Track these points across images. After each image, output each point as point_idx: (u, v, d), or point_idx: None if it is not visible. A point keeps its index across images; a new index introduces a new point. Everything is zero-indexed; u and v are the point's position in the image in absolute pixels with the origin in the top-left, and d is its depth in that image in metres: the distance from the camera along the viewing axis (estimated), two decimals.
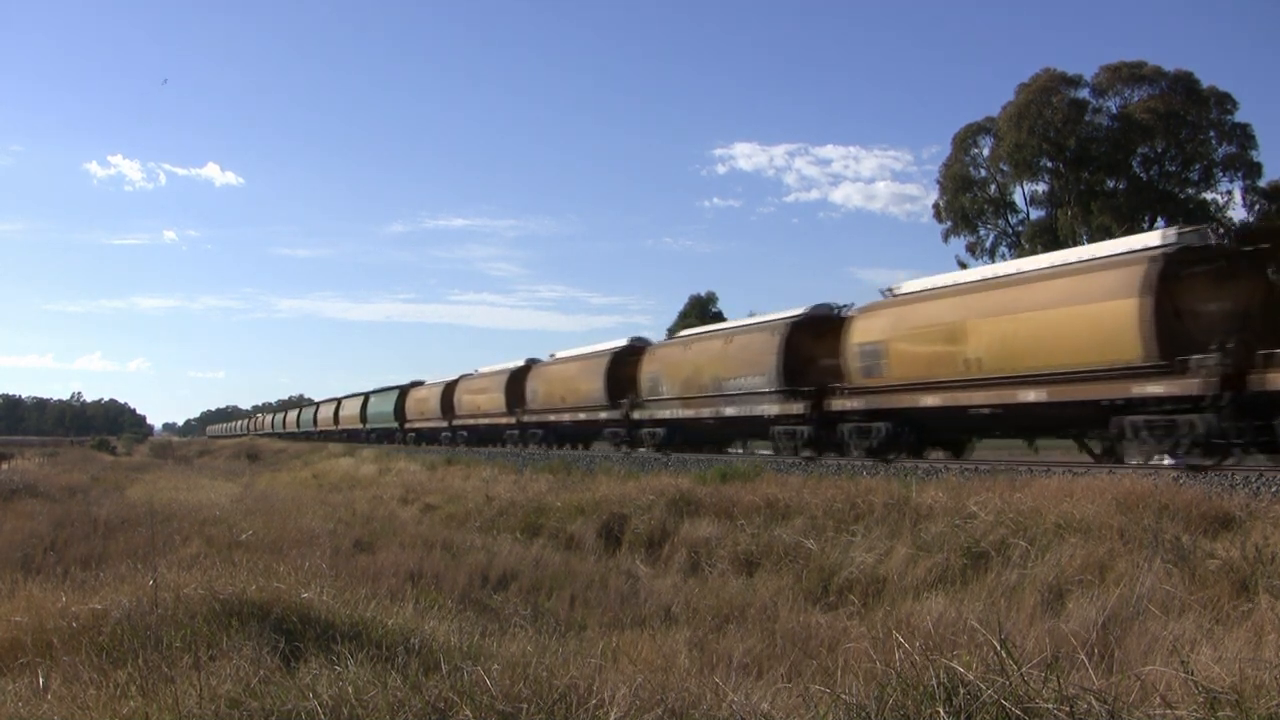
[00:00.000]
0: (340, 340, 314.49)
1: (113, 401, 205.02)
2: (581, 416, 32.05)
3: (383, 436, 56.22)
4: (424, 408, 49.17)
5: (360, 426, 60.78)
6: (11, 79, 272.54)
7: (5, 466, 33.86)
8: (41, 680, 6.06)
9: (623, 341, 31.57)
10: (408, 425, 52.06)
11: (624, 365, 29.93)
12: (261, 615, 7.02)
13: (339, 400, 70.90)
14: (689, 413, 25.74)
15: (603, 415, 30.39)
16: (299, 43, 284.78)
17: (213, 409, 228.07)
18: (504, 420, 38.29)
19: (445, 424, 45.31)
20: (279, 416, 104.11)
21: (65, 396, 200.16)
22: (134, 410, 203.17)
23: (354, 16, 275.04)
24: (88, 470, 34.11)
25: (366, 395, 62.02)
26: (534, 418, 35.74)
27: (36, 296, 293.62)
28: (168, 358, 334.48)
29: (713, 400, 24.50)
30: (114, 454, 60.30)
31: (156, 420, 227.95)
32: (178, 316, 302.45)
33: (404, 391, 53.74)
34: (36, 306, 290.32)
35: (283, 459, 49.24)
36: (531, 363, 38.11)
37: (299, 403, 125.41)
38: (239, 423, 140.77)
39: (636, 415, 28.36)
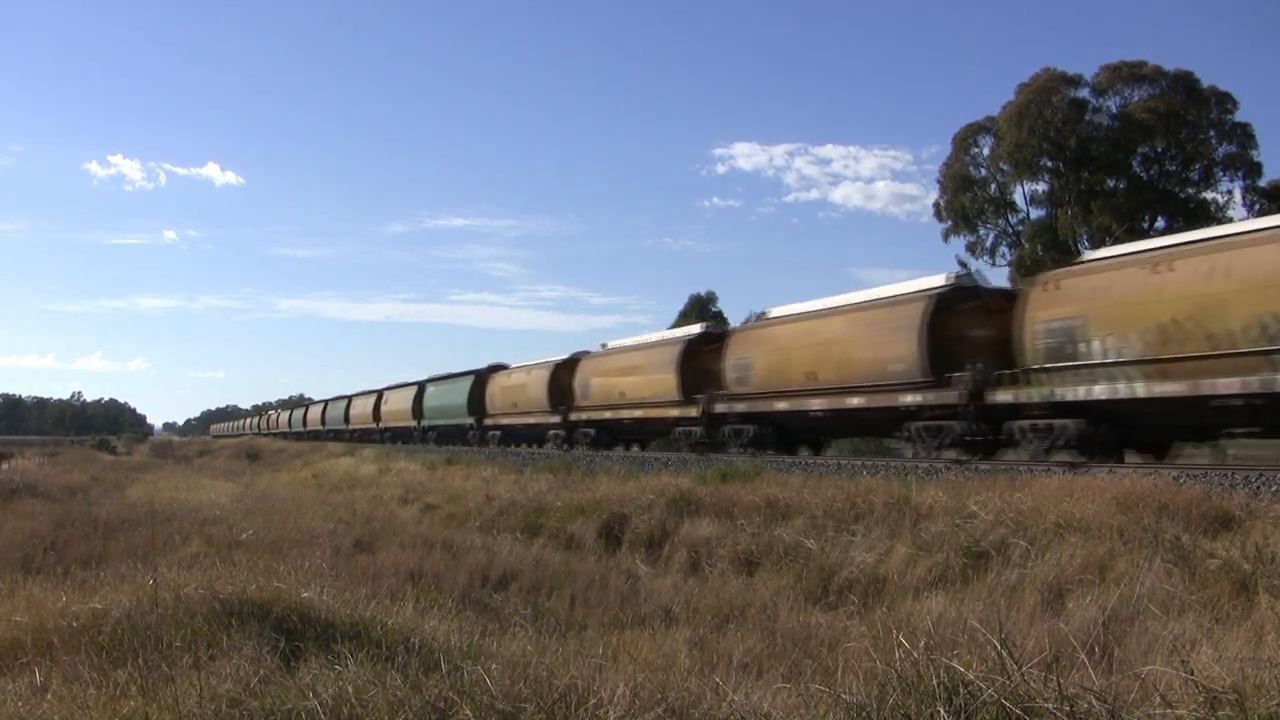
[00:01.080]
0: (340, 340, 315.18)
1: (113, 401, 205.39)
2: (855, 403, 19.54)
3: (447, 437, 44.14)
4: (520, 397, 36.60)
5: (413, 424, 49.06)
6: (11, 79, 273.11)
7: (5, 466, 33.85)
8: (41, 680, 6.06)
9: (939, 279, 19.45)
10: (489, 421, 39.85)
11: (954, 315, 18.42)
12: (261, 615, 7.02)
13: (380, 392, 57.61)
14: (1169, 388, 14.13)
15: (910, 400, 18.44)
16: (299, 43, 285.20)
17: (213, 409, 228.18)
18: (674, 412, 25.86)
19: (557, 419, 33.19)
20: (297, 414, 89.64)
21: (65, 396, 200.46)
22: (134, 410, 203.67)
23: (354, 16, 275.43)
24: (88, 470, 34.11)
25: (421, 385, 49.49)
26: (740, 407, 23.20)
27: (36, 296, 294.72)
28: (168, 358, 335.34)
29: (1245, 362, 13.19)
30: (114, 454, 60.29)
31: (157, 420, 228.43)
32: (178, 316, 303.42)
33: (482, 378, 41.10)
34: (36, 306, 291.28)
35: (283, 459, 49.23)
36: (719, 327, 26.89)
37: (302, 401, 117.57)
38: (247, 420, 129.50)
39: (1003, 398, 16.81)
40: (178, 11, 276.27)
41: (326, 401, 74.96)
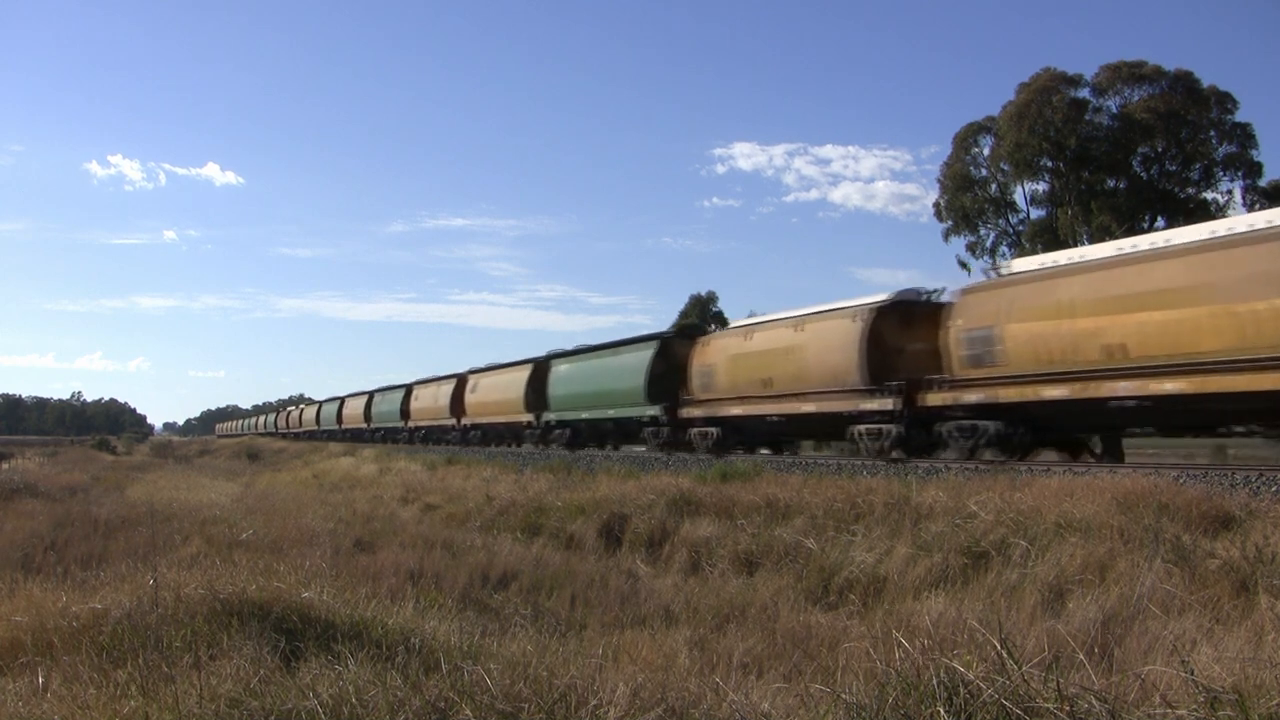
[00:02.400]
0: (340, 340, 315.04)
1: (113, 401, 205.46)
2: None
3: (593, 436, 30.07)
4: (779, 369, 21.13)
5: (524, 419, 33.94)
6: (11, 78, 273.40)
7: (5, 466, 33.86)
8: (41, 680, 6.06)
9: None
10: (696, 411, 24.15)
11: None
12: (262, 615, 7.01)
13: (461, 377, 42.02)
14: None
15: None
16: (298, 43, 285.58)
17: (213, 409, 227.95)
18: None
19: (884, 404, 18.25)
20: (328, 409, 70.67)
21: (65, 396, 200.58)
22: (134, 410, 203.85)
23: (354, 16, 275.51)
24: (88, 470, 34.10)
25: (540, 364, 33.95)
26: None
27: (37, 296, 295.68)
28: (168, 357, 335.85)
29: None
30: (114, 453, 60.26)
31: (156, 420, 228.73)
32: (178, 316, 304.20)
33: (674, 345, 26.30)
34: (37, 306, 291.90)
35: (283, 459, 49.22)
36: None
37: (300, 400, 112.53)
38: (258, 418, 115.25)
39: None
40: (178, 11, 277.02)
41: (371, 393, 58.73)
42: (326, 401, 73.83)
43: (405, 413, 49.13)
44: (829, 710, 4.63)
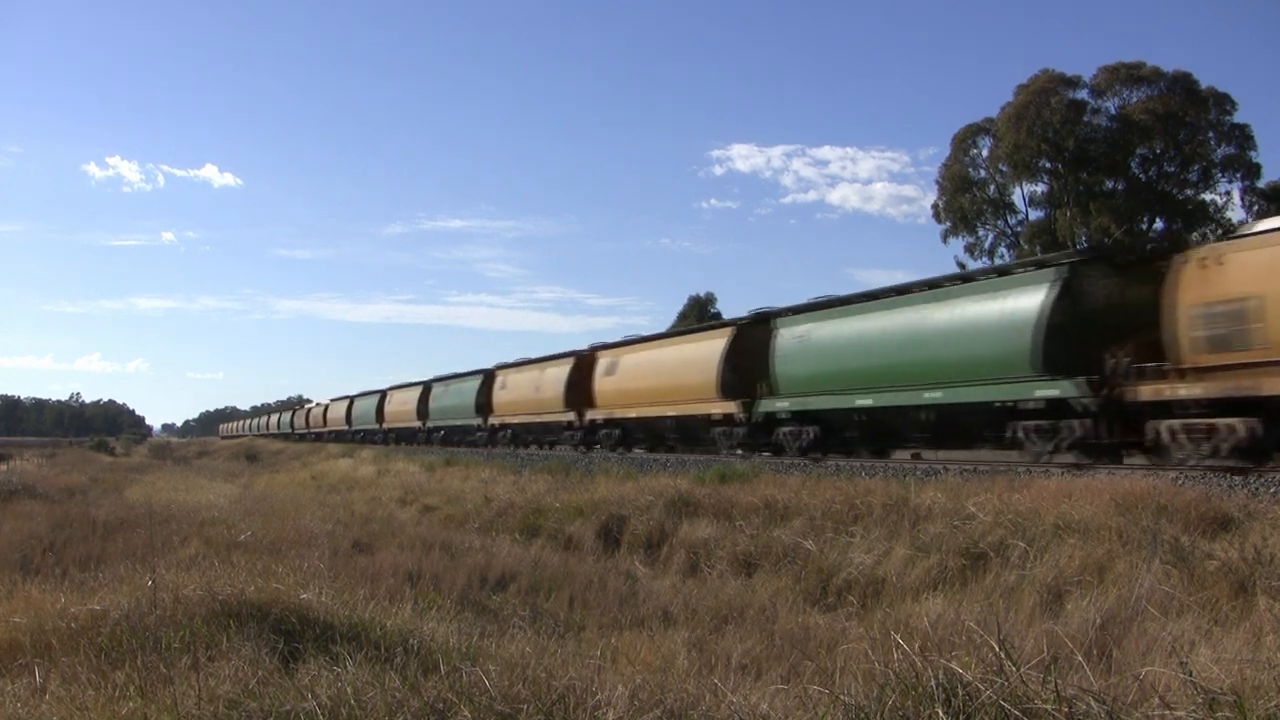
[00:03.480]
0: (339, 342, 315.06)
1: (111, 402, 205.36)
2: None
3: (865, 436, 19.30)
4: None
5: (708, 412, 23.05)
6: (10, 79, 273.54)
7: (4, 467, 33.82)
8: (40, 681, 6.05)
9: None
10: (1188, 388, 12.61)
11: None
12: (260, 616, 7.01)
13: (581, 357, 31.11)
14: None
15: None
16: (297, 44, 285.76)
17: (211, 410, 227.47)
18: None
19: None
20: (362, 405, 58.70)
21: (64, 397, 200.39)
22: (132, 411, 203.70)
23: (353, 16, 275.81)
24: (86, 471, 34.09)
25: (742, 328, 22.84)
26: None
27: (36, 297, 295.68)
28: (166, 358, 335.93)
29: None
30: (112, 455, 60.16)
31: (155, 421, 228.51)
32: (176, 317, 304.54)
33: (1090, 274, 14.64)
34: (36, 307, 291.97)
35: (281, 460, 49.21)
36: None
37: (298, 401, 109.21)
38: (267, 418, 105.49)
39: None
40: (177, 13, 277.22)
41: (428, 384, 46.32)
42: (361, 396, 60.65)
43: (484, 407, 38.25)
44: (827, 711, 4.63)
